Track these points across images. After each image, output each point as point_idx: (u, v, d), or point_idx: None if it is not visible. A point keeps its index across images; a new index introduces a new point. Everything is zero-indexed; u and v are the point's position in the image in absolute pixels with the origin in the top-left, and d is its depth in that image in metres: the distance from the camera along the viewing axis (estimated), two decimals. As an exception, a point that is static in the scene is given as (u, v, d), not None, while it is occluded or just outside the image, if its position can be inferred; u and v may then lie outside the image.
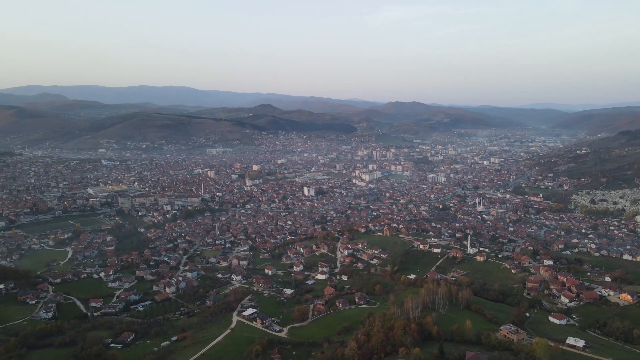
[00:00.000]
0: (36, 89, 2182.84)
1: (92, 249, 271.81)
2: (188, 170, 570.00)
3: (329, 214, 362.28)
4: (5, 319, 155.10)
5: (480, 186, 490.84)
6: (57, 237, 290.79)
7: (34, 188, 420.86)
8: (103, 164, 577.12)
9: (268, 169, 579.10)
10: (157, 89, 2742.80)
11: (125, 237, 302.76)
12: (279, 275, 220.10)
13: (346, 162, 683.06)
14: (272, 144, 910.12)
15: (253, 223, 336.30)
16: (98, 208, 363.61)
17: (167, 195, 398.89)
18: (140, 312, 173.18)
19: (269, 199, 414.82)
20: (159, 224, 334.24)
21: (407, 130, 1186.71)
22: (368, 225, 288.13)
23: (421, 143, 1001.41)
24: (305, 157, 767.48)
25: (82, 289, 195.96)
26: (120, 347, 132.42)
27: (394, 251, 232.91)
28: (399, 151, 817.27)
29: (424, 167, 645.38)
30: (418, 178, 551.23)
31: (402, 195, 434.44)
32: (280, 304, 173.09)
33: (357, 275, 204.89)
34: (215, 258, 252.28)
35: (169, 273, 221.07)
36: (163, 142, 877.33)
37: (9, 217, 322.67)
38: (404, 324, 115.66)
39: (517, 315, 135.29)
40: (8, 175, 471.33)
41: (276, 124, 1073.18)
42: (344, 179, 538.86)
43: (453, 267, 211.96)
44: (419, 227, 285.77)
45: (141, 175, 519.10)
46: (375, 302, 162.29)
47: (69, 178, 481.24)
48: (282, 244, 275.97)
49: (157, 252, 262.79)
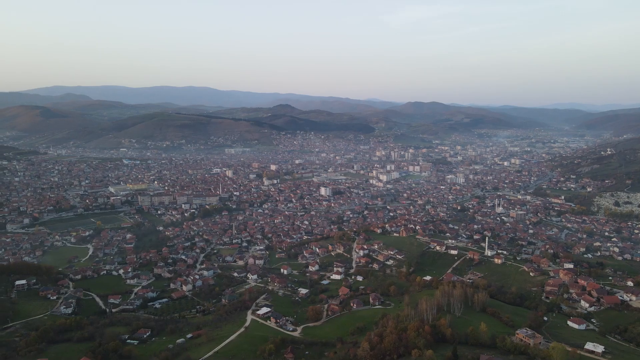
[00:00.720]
0: (61, 90, 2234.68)
1: (112, 246, 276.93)
2: (207, 170, 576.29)
3: (346, 214, 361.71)
4: (27, 314, 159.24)
5: (500, 187, 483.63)
6: (78, 235, 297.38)
7: (58, 186, 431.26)
8: (124, 163, 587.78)
9: (286, 169, 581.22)
10: (178, 89, 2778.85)
11: (145, 235, 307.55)
12: (295, 274, 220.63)
13: (364, 163, 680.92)
14: (290, 144, 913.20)
15: (270, 222, 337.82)
16: (118, 206, 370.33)
17: (186, 194, 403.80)
18: (157, 309, 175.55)
19: (286, 198, 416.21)
20: (178, 222, 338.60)
21: (426, 131, 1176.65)
22: (384, 226, 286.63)
23: (440, 143, 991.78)
24: (323, 157, 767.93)
25: (102, 286, 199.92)
26: (137, 343, 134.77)
27: (410, 252, 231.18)
28: (417, 151, 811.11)
29: (442, 167, 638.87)
30: (436, 179, 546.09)
31: (419, 196, 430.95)
32: (295, 303, 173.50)
33: (373, 276, 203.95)
34: (232, 257, 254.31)
35: (186, 271, 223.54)
36: (183, 141, 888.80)
37: (33, 214, 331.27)
38: (418, 326, 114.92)
39: (535, 319, 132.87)
40: (33, 174, 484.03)
41: (294, 124, 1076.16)
42: (361, 179, 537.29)
43: (470, 269, 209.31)
44: (436, 229, 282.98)
45: (161, 174, 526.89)
46: (390, 303, 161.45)
47: (91, 177, 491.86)
48: (298, 244, 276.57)
49: (175, 250, 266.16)
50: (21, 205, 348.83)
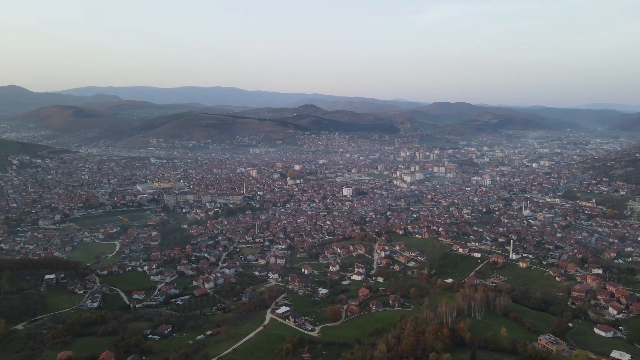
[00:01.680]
0: (93, 90, 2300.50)
1: (138, 243, 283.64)
2: (231, 169, 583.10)
3: (368, 215, 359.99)
4: (55, 307, 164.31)
5: (528, 190, 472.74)
6: (106, 231, 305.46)
7: (88, 184, 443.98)
8: (151, 162, 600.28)
9: (309, 169, 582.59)
10: (205, 90, 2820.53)
11: (169, 232, 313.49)
12: (315, 274, 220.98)
13: (388, 163, 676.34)
14: (314, 144, 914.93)
15: (292, 222, 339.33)
16: (145, 204, 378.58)
17: (210, 193, 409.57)
18: (179, 305, 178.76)
19: (309, 198, 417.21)
20: (202, 220, 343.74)
21: (452, 131, 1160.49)
22: (407, 227, 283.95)
23: (466, 144, 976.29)
24: (347, 158, 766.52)
25: (127, 281, 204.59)
26: (158, 339, 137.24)
27: (432, 254, 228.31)
28: (442, 152, 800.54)
29: (468, 169, 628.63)
30: (462, 180, 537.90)
31: (444, 198, 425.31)
32: (315, 303, 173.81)
33: (393, 277, 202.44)
34: (254, 256, 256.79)
35: (208, 269, 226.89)
36: (209, 141, 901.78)
37: (64, 211, 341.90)
38: (436, 329, 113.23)
39: (559, 325, 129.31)
40: (65, 172, 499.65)
41: (319, 124, 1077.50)
42: (385, 180, 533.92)
43: (493, 272, 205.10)
44: (460, 231, 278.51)
45: (186, 173, 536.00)
46: (410, 305, 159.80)
47: (119, 175, 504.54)
48: (320, 244, 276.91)
49: (198, 248, 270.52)
50: (53, 202, 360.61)
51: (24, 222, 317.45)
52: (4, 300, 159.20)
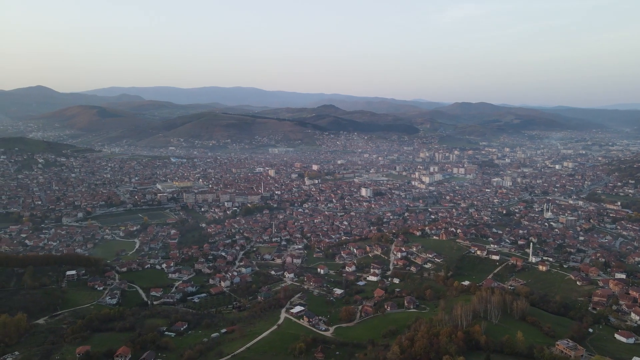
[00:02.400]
0: (117, 90, 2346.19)
1: (157, 241, 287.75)
2: (250, 169, 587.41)
3: (386, 216, 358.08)
4: (75, 303, 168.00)
5: (550, 192, 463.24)
6: (127, 229, 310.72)
7: (110, 182, 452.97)
8: (171, 161, 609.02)
9: (327, 169, 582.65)
10: (226, 90, 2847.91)
11: (188, 231, 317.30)
12: (331, 274, 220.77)
13: (407, 164, 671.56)
14: (333, 144, 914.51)
15: (309, 222, 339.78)
16: (165, 203, 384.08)
17: (229, 193, 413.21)
18: (195, 303, 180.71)
19: (327, 198, 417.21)
20: (220, 219, 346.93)
21: (473, 132, 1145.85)
22: (424, 229, 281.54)
23: (487, 145, 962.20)
24: (365, 158, 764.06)
25: (145, 279, 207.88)
26: (174, 335, 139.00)
27: (449, 256, 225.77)
28: (462, 153, 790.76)
29: (488, 170, 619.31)
30: (481, 181, 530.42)
31: (463, 199, 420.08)
32: (329, 303, 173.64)
33: (409, 278, 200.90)
34: (270, 255, 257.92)
35: (225, 267, 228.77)
36: (228, 140, 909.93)
37: (86, 208, 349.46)
38: (450, 331, 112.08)
39: (578, 331, 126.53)
40: (88, 170, 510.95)
41: (338, 124, 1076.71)
42: (403, 180, 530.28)
43: (512, 275, 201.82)
44: (478, 233, 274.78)
45: (206, 173, 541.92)
46: (425, 307, 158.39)
47: (140, 174, 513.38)
48: (337, 244, 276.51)
49: (216, 246, 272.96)
50: (76, 200, 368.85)
51: (48, 219, 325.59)
52: (27, 295, 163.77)
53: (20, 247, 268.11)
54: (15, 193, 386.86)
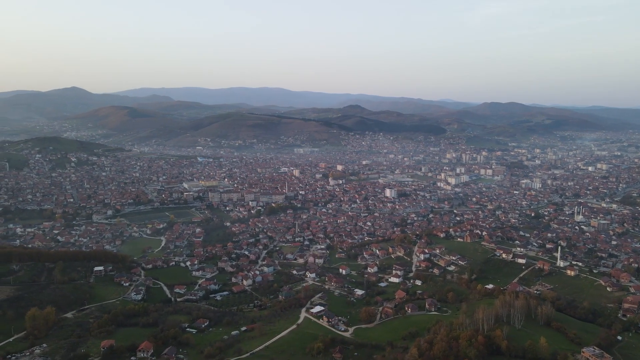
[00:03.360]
0: (147, 91, 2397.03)
1: (183, 239, 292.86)
2: (275, 169, 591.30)
3: (410, 217, 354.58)
4: (102, 298, 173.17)
5: (582, 194, 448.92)
6: (154, 227, 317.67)
7: (138, 181, 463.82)
8: (198, 161, 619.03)
9: (352, 170, 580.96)
10: (253, 90, 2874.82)
11: (213, 229, 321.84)
12: (353, 275, 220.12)
13: (432, 165, 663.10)
14: (358, 144, 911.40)
15: (333, 222, 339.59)
16: (191, 201, 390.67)
17: (254, 192, 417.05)
18: (217, 301, 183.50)
19: (351, 199, 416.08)
20: (244, 219, 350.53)
21: (502, 133, 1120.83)
22: (448, 230, 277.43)
23: (517, 146, 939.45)
24: (390, 159, 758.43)
25: (170, 276, 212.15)
26: (195, 332, 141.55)
27: (473, 259, 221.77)
28: (490, 154, 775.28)
29: (517, 171, 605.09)
30: (510, 183, 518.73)
31: (490, 201, 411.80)
32: (350, 304, 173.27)
33: (432, 281, 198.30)
34: (293, 255, 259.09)
35: (247, 266, 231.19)
36: (254, 140, 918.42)
37: (115, 206, 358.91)
38: (471, 335, 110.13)
39: (606, 338, 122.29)
40: (118, 169, 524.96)
41: (363, 124, 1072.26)
42: (428, 181, 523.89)
43: (538, 279, 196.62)
44: (505, 235, 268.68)
45: (231, 172, 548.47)
46: (447, 310, 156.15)
47: (168, 173, 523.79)
48: (359, 245, 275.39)
49: (240, 245, 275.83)
50: (106, 198, 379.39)
51: (80, 217, 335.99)
52: (57, 289, 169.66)
53: (53, 243, 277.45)
54: (49, 191, 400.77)
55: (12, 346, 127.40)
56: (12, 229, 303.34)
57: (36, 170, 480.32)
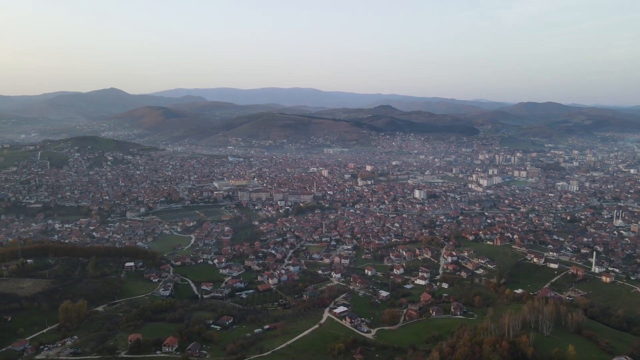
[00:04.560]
0: (182, 92, 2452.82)
1: (212, 237, 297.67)
2: (304, 169, 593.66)
3: (439, 219, 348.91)
4: (131, 293, 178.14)
5: (623, 197, 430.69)
6: (184, 225, 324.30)
7: (171, 180, 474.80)
8: (229, 160, 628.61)
9: (381, 170, 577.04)
10: (284, 91, 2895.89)
11: (241, 228, 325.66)
12: (378, 276, 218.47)
13: (464, 166, 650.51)
14: (388, 145, 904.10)
15: (360, 223, 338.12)
16: (220, 200, 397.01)
17: (282, 192, 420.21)
18: (243, 299, 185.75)
19: (379, 199, 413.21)
20: (272, 218, 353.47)
21: (538, 133, 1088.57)
22: (478, 233, 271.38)
23: (553, 147, 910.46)
24: (421, 159, 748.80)
25: (197, 273, 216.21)
26: (219, 329, 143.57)
27: (502, 262, 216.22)
28: (525, 155, 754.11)
29: (553, 173, 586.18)
30: (545, 185, 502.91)
31: (523, 204, 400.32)
32: (374, 305, 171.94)
33: (459, 284, 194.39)
34: (319, 254, 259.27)
35: (273, 265, 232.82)
36: (284, 140, 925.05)
37: (148, 204, 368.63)
38: (495, 340, 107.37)
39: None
40: (151, 168, 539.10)
41: (394, 125, 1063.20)
42: (459, 183, 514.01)
43: (571, 285, 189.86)
44: (537, 239, 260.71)
45: (261, 172, 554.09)
46: (473, 314, 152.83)
47: (199, 172, 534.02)
48: (386, 246, 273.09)
49: (267, 244, 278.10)
50: (139, 196, 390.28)
51: (114, 214, 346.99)
52: (89, 283, 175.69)
53: (88, 239, 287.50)
54: (86, 188, 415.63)
55: (45, 337, 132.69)
56: (51, 225, 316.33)
57: (75, 169, 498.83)
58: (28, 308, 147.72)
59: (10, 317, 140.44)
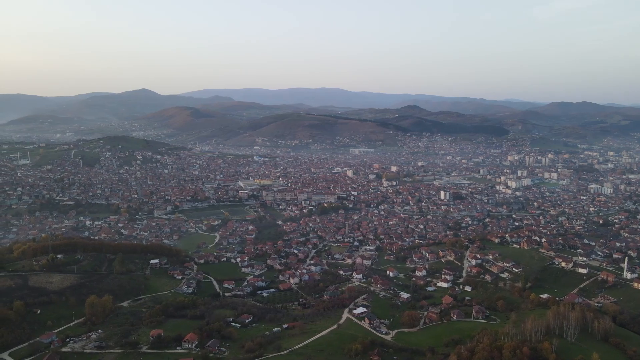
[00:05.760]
0: (210, 92, 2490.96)
1: (236, 236, 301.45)
2: (329, 169, 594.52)
3: (465, 221, 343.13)
4: (155, 289, 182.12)
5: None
6: (209, 223, 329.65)
7: (197, 179, 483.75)
8: (255, 160, 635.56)
9: (406, 171, 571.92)
10: (311, 91, 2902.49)
11: (265, 227, 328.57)
12: (400, 278, 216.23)
13: (492, 167, 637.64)
14: (414, 145, 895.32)
15: (384, 224, 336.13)
16: (245, 200, 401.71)
17: (306, 192, 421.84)
18: (263, 297, 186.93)
19: (404, 200, 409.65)
20: (296, 218, 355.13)
21: (571, 134, 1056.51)
22: (504, 236, 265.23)
23: (587, 149, 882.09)
24: (448, 160, 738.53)
25: (220, 271, 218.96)
26: (239, 327, 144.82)
27: (529, 266, 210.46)
28: (557, 157, 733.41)
29: (586, 175, 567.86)
30: (577, 188, 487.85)
31: (553, 206, 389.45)
32: (394, 307, 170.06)
33: (482, 287, 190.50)
34: (341, 255, 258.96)
35: (295, 265, 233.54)
36: (310, 141, 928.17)
37: (175, 203, 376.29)
38: (515, 346, 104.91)
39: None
40: (179, 167, 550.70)
41: (421, 125, 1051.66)
42: (486, 184, 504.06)
43: (601, 291, 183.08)
44: (566, 243, 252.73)
45: (286, 172, 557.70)
46: (496, 318, 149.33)
47: (225, 171, 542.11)
48: (409, 247, 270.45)
49: (289, 244, 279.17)
50: (166, 194, 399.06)
51: (142, 212, 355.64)
52: (115, 279, 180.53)
53: (117, 236, 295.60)
54: (116, 186, 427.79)
55: (72, 330, 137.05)
56: (82, 222, 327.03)
57: (106, 167, 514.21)
58: (56, 302, 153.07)
59: (40, 310, 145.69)
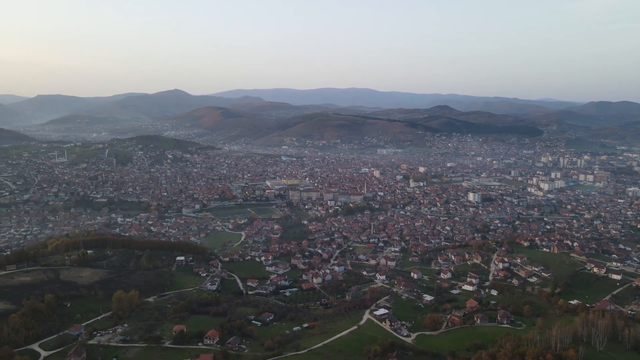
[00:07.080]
0: (240, 93, 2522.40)
1: (261, 235, 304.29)
2: (356, 169, 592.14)
3: (493, 223, 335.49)
4: (181, 286, 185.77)
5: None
6: (235, 222, 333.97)
7: (225, 178, 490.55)
8: (282, 160, 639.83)
9: (435, 172, 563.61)
10: (340, 91, 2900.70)
11: (290, 227, 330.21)
12: (424, 280, 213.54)
13: (524, 169, 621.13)
14: (444, 146, 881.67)
15: (410, 225, 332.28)
16: (272, 199, 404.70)
17: (333, 192, 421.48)
18: (286, 296, 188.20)
19: (431, 202, 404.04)
20: (321, 217, 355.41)
21: (610, 135, 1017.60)
22: (534, 239, 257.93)
23: (627, 150, 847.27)
24: (478, 161, 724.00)
25: (244, 269, 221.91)
26: (259, 325, 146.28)
27: (558, 271, 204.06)
28: (594, 158, 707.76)
29: (624, 178, 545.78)
30: (614, 191, 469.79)
31: (587, 210, 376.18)
32: (416, 309, 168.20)
33: (509, 292, 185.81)
34: (365, 255, 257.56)
35: (319, 265, 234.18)
36: (338, 141, 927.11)
37: (203, 201, 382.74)
38: (539, 353, 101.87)
39: None
40: (207, 166, 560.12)
41: (451, 125, 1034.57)
42: (517, 186, 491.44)
43: (635, 299, 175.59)
44: (600, 248, 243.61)
45: (313, 172, 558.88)
46: (522, 324, 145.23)
47: (252, 170, 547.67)
48: (434, 249, 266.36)
49: (314, 243, 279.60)
50: (195, 193, 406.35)
51: (171, 209, 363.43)
52: (142, 275, 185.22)
53: (146, 233, 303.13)
54: (147, 185, 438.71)
55: (99, 324, 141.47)
56: (114, 218, 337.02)
57: (138, 166, 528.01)
58: (86, 296, 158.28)
59: (70, 304, 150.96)
